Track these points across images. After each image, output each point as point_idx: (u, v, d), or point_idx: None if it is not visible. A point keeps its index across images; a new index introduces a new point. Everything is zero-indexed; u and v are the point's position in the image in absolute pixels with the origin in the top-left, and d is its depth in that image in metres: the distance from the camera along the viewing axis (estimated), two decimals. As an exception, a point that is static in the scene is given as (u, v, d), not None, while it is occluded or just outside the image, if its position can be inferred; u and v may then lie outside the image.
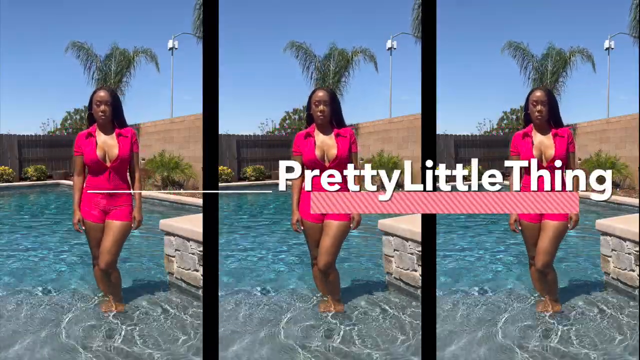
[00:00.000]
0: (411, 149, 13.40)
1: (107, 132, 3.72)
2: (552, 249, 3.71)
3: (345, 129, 3.79)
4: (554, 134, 3.72)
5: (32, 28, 23.18)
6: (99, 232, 3.74)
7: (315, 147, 3.73)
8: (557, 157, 3.68)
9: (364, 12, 23.07)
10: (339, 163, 3.69)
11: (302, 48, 17.46)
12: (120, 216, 3.72)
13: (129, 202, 3.76)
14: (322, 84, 16.82)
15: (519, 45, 17.17)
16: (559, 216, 3.66)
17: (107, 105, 3.67)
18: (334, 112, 3.77)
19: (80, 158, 3.71)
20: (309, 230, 3.81)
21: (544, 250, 3.70)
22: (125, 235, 3.77)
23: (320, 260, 3.77)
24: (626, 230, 4.10)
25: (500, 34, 23.63)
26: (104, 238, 3.72)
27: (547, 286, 3.80)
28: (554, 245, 3.70)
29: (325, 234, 3.76)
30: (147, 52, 17.31)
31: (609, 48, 17.61)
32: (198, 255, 4.11)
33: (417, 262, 4.07)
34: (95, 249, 3.78)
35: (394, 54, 17.76)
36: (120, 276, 3.86)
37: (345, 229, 3.78)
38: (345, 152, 3.74)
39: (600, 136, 14.46)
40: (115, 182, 3.71)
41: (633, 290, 4.02)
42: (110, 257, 3.72)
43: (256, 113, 28.92)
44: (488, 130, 17.79)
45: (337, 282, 3.88)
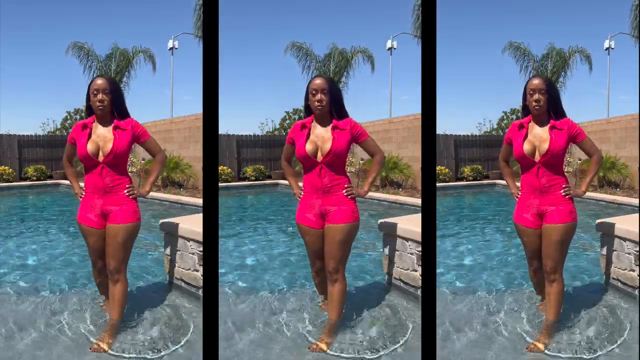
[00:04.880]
0: (411, 149, 13.39)
1: (105, 124, 3.36)
2: (557, 253, 3.34)
3: (345, 120, 3.38)
4: (551, 127, 3.34)
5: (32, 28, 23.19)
6: (96, 238, 3.39)
7: (308, 141, 3.35)
8: (551, 151, 3.30)
9: (364, 12, 23.08)
10: (333, 158, 3.32)
11: (302, 48, 17.48)
12: (121, 218, 3.34)
13: (129, 200, 3.37)
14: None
15: (519, 46, 17.18)
16: (559, 218, 3.33)
17: (105, 93, 3.30)
18: (333, 101, 3.34)
19: (71, 146, 3.48)
20: (307, 237, 3.47)
21: (548, 256, 3.36)
22: (131, 238, 3.38)
23: (328, 265, 3.40)
24: (626, 230, 4.09)
25: (500, 34, 23.65)
26: (107, 243, 3.35)
27: (549, 300, 3.40)
28: (558, 250, 3.34)
29: (329, 239, 3.38)
30: (146, 52, 17.32)
31: (609, 48, 17.62)
32: (198, 255, 4.11)
33: (417, 262, 4.07)
34: (93, 256, 3.47)
35: (394, 54, 17.78)
36: (125, 290, 3.41)
37: (350, 231, 3.39)
38: (342, 146, 3.32)
39: (600, 136, 14.45)
40: (109, 179, 3.33)
41: (633, 290, 4.02)
42: (115, 263, 3.34)
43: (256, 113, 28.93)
44: (488, 130, 17.80)
45: (340, 298, 3.42)
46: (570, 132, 3.36)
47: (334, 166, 3.35)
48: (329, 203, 3.38)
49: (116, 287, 3.37)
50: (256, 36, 24.46)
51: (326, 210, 3.39)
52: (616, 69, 19.40)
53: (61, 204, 11.26)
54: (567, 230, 3.35)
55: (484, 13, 22.62)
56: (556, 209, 3.35)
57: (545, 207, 3.37)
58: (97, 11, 22.59)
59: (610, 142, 14.17)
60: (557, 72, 17.10)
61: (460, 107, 23.55)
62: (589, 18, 22.86)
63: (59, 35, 23.45)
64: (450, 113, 23.82)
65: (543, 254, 3.39)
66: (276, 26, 24.02)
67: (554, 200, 3.36)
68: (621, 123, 14.05)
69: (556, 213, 3.34)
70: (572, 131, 3.37)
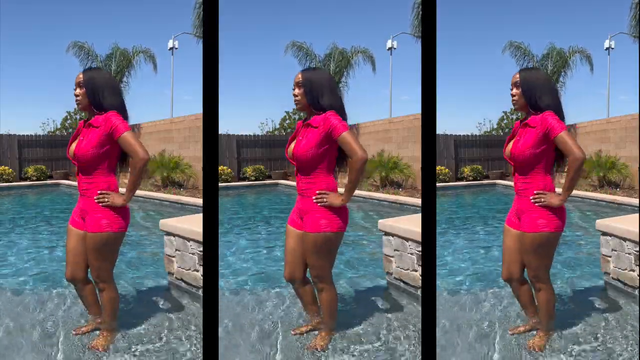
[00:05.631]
0: (411, 149, 13.39)
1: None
2: (533, 261, 3.06)
3: (319, 116, 2.99)
4: (524, 124, 2.99)
5: (32, 28, 23.19)
6: (72, 237, 3.14)
7: (291, 141, 3.10)
8: (513, 152, 2.99)
9: (364, 12, 23.08)
10: (300, 163, 3.03)
11: (302, 48, 17.47)
12: (90, 226, 3.02)
13: (100, 207, 3.00)
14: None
15: (519, 45, 17.17)
16: (527, 226, 3.01)
17: (80, 87, 3.01)
18: (309, 95, 3.00)
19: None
20: (286, 233, 3.24)
21: (526, 262, 3.11)
22: (101, 248, 3.03)
23: (310, 272, 3.19)
24: (626, 230, 4.09)
25: (500, 34, 23.65)
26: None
27: (539, 309, 3.19)
28: (532, 258, 3.05)
29: (303, 246, 3.13)
30: (146, 52, 17.32)
31: (609, 48, 17.61)
32: (198, 255, 4.11)
33: (417, 262, 4.07)
34: (67, 255, 3.19)
35: (394, 54, 17.77)
36: (112, 297, 3.17)
37: (320, 242, 3.05)
38: (305, 148, 2.97)
39: (600, 136, 14.46)
40: (82, 182, 3.04)
41: (633, 290, 4.02)
42: (93, 271, 3.11)
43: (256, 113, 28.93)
44: (488, 130, 17.80)
45: (328, 307, 3.20)
46: (543, 129, 2.91)
47: (304, 169, 3.05)
48: (304, 207, 3.10)
49: (102, 295, 3.18)
50: (256, 36, 24.46)
51: (302, 213, 3.12)
52: (616, 69, 19.40)
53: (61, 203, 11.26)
54: (536, 240, 3.00)
55: (484, 13, 22.62)
56: (527, 216, 3.03)
57: (521, 211, 3.08)
58: (97, 11, 22.59)
59: (610, 142, 14.16)
60: (557, 72, 17.09)
61: (460, 107, 23.56)
62: (589, 18, 22.86)
63: (59, 35, 23.46)
64: (450, 113, 23.81)
65: (524, 261, 3.13)
66: (276, 26, 24.03)
67: (527, 206, 3.03)
68: (621, 123, 14.05)
69: (527, 220, 3.03)
70: (545, 127, 2.90)
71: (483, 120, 19.67)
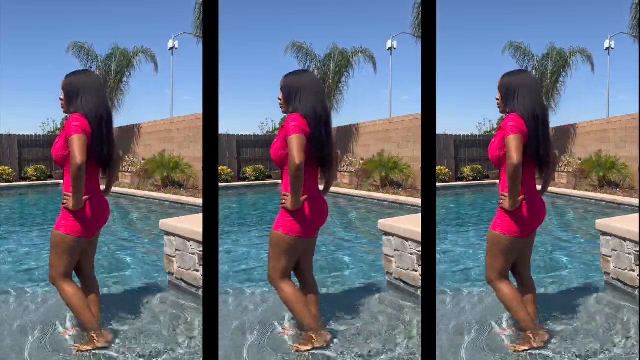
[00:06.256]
0: (411, 149, 13.39)
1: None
2: (486, 261, 3.18)
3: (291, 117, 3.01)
4: (500, 127, 3.04)
5: (32, 28, 23.20)
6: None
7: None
8: (489, 156, 3.10)
9: (364, 12, 23.08)
10: (275, 164, 3.11)
11: (302, 48, 17.46)
12: (56, 224, 3.14)
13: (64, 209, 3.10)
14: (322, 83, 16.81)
15: (519, 46, 17.17)
16: (492, 225, 3.13)
17: (62, 90, 3.13)
18: (286, 99, 3.10)
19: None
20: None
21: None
22: (55, 246, 3.12)
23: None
24: (626, 230, 4.09)
25: (500, 34, 23.65)
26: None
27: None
28: (487, 257, 3.18)
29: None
30: (147, 52, 17.32)
31: (609, 48, 17.61)
32: (198, 255, 4.11)
33: (417, 262, 4.07)
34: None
35: (394, 53, 17.77)
36: (68, 298, 3.16)
37: (273, 239, 3.12)
38: (275, 150, 3.06)
39: (600, 136, 14.46)
40: (64, 183, 3.13)
41: (633, 290, 4.02)
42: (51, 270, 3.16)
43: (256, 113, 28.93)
44: (488, 130, 17.79)
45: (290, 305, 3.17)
46: (504, 132, 2.96)
47: (281, 170, 3.12)
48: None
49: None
50: (256, 36, 24.46)
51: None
52: (616, 69, 19.39)
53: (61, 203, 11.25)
54: (489, 238, 3.14)
55: (484, 13, 22.61)
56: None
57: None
58: (97, 11, 22.58)
59: (610, 142, 14.17)
60: (557, 72, 17.09)
61: (460, 107, 23.57)
62: (589, 18, 22.86)
63: (59, 35, 23.46)
64: (450, 113, 23.83)
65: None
66: (276, 26, 24.02)
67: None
68: (621, 123, 14.05)
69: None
70: (505, 130, 2.95)
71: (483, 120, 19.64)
